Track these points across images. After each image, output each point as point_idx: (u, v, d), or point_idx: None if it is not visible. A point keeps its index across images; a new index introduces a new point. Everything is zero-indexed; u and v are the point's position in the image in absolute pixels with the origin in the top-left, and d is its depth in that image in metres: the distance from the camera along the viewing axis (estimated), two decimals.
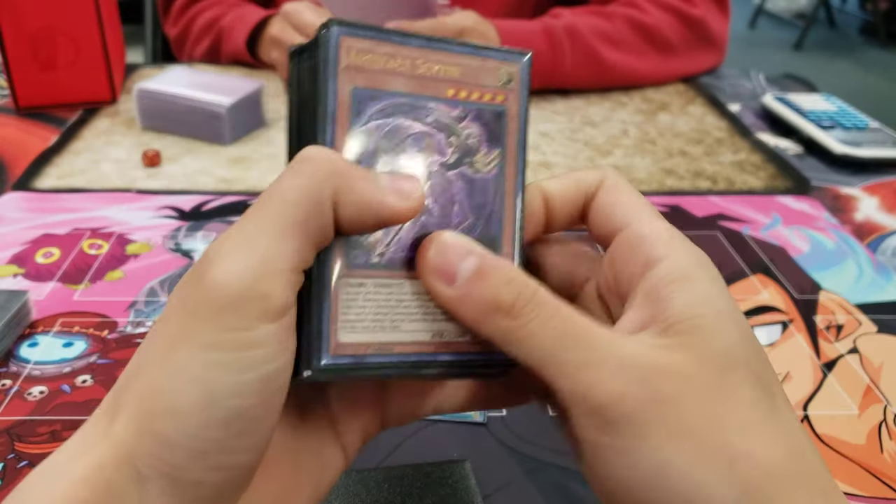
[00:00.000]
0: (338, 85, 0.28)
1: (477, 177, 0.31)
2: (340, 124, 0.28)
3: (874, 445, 0.49)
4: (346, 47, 0.28)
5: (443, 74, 0.30)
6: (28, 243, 0.67)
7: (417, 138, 0.30)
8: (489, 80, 0.31)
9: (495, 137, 0.31)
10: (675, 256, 0.30)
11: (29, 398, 0.50)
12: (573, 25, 1.00)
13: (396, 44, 0.29)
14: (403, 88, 0.29)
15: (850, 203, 0.79)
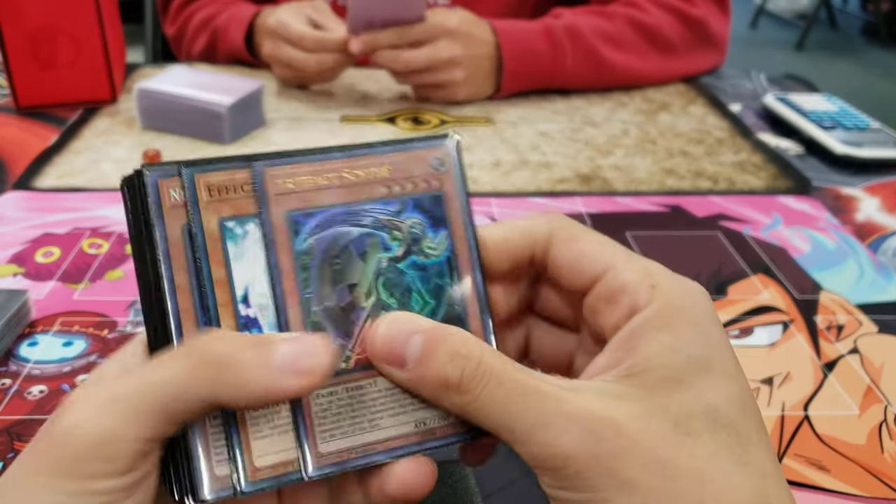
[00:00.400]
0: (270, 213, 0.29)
1: (428, 262, 0.31)
2: (281, 247, 0.29)
3: (874, 446, 0.49)
4: (271, 176, 0.29)
5: (372, 177, 0.31)
6: (28, 242, 0.67)
7: (359, 241, 0.30)
8: (420, 170, 0.32)
9: (438, 220, 0.32)
10: (659, 302, 0.29)
11: (29, 397, 0.50)
12: (574, 25, 1.00)
13: (318, 161, 0.30)
14: (336, 200, 0.30)
15: (851, 203, 0.79)
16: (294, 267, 0.29)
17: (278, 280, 0.29)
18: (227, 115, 0.85)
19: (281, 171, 0.30)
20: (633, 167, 0.85)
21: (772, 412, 0.51)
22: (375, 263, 0.31)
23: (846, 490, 0.46)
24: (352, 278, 0.30)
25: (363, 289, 0.30)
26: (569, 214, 0.73)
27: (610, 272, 0.30)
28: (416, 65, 0.94)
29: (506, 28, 0.99)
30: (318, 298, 0.30)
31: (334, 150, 0.30)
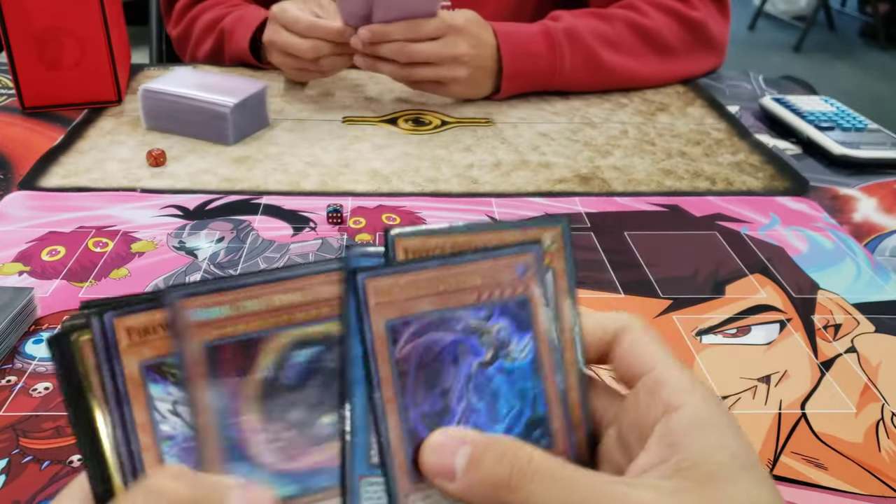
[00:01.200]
0: (372, 324, 0.30)
1: (515, 366, 0.32)
2: (381, 356, 0.30)
3: (872, 444, 0.49)
4: (373, 288, 0.30)
5: (464, 284, 0.32)
6: (34, 241, 0.68)
7: (452, 347, 0.31)
8: (506, 276, 0.33)
9: (524, 324, 0.33)
10: (695, 404, 0.30)
11: (34, 394, 0.51)
12: (573, 28, 1.01)
13: (415, 272, 0.31)
14: (429, 307, 0.31)
15: (849, 203, 0.80)
16: (392, 375, 0.30)
17: (378, 388, 0.30)
18: (231, 116, 0.86)
19: (381, 281, 0.30)
20: (632, 167, 0.86)
21: (769, 410, 0.52)
22: (466, 369, 0.32)
23: (843, 488, 0.46)
24: (445, 384, 0.31)
25: (455, 394, 0.31)
26: (568, 214, 0.74)
27: (657, 369, 0.32)
28: (421, 57, 0.94)
29: (505, 30, 0.99)
30: (413, 405, 0.31)
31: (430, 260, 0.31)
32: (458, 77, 0.97)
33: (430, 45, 0.93)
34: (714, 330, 0.59)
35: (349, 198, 0.77)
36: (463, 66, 0.96)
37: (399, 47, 0.92)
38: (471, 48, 0.96)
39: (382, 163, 0.85)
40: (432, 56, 0.94)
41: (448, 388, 0.31)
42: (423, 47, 0.93)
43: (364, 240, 0.70)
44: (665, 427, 0.30)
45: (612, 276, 0.65)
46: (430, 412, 0.31)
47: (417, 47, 0.93)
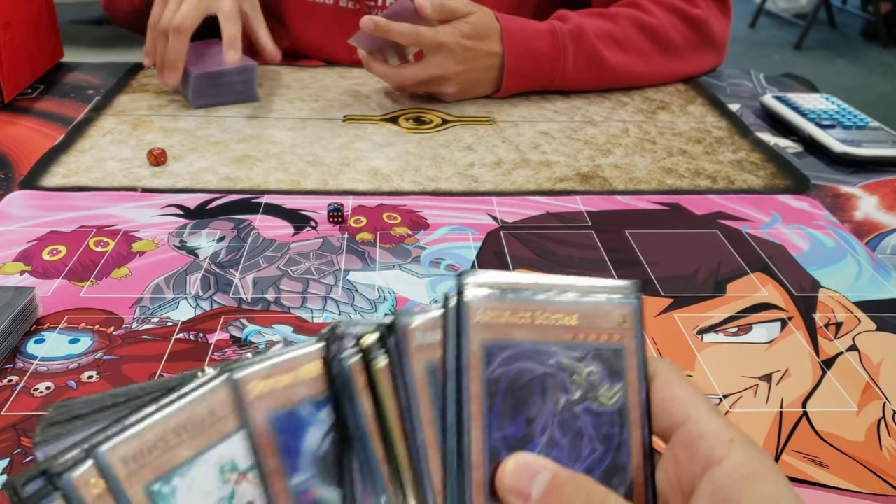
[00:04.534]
0: (470, 340, 0.31)
1: (602, 410, 0.33)
2: (473, 372, 0.31)
3: (873, 442, 0.49)
4: (475, 309, 0.31)
5: (561, 322, 0.32)
6: (35, 241, 0.68)
7: (542, 380, 0.32)
8: (604, 323, 0.33)
9: (616, 372, 0.33)
10: (737, 455, 0.30)
11: (35, 394, 0.51)
12: (578, 28, 1.00)
13: (517, 300, 0.32)
14: (526, 337, 0.32)
15: (850, 202, 0.80)
16: (482, 393, 0.31)
17: (466, 403, 0.31)
18: (195, 81, 0.96)
19: (488, 304, 0.31)
20: (633, 166, 0.86)
21: (770, 409, 0.52)
22: (554, 403, 0.32)
23: (844, 486, 0.46)
24: (531, 413, 0.32)
25: (539, 424, 0.32)
26: (569, 213, 0.74)
27: (692, 419, 0.32)
28: (408, 82, 0.98)
29: (511, 27, 0.99)
30: (499, 426, 0.31)
31: (534, 293, 0.32)
32: (445, 92, 1.00)
33: (415, 71, 0.97)
34: (715, 328, 0.59)
35: (350, 197, 0.77)
36: (449, 83, 0.99)
37: (388, 73, 0.98)
38: (458, 65, 0.97)
39: (383, 161, 0.85)
40: (419, 79, 0.97)
41: (533, 418, 0.32)
42: (408, 73, 0.97)
43: (364, 238, 0.70)
44: (711, 483, 0.30)
45: (613, 275, 0.65)
46: (513, 437, 0.31)
47: (403, 74, 0.98)
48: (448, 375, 0.31)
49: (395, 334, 0.31)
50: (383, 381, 0.31)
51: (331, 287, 0.63)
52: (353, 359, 0.31)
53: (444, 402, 0.31)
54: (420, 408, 0.31)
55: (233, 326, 0.58)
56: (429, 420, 0.31)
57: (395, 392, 0.31)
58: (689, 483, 0.31)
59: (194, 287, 0.62)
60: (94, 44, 1.91)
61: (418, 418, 0.31)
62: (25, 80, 1.02)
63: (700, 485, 0.30)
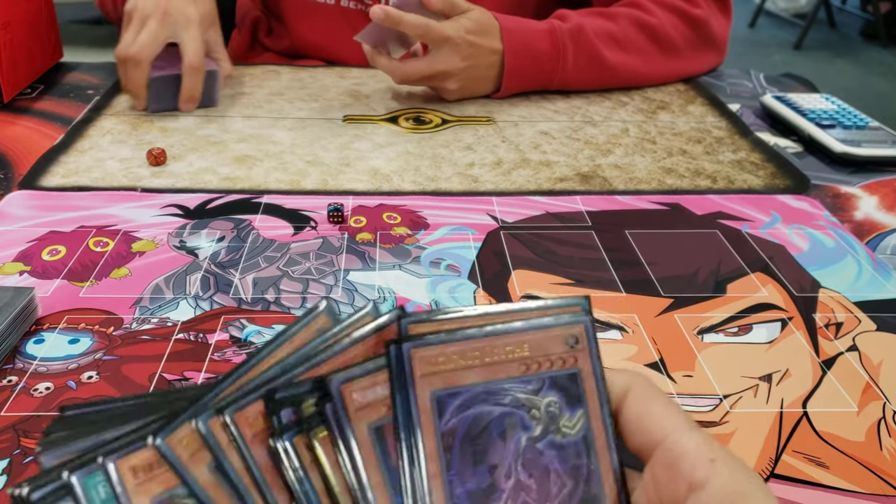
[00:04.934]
0: (417, 394, 0.29)
1: (566, 441, 0.31)
2: (426, 428, 0.29)
3: (873, 442, 0.49)
4: (417, 359, 0.30)
5: (512, 356, 0.31)
6: (34, 241, 0.68)
7: (499, 421, 0.30)
8: (556, 348, 0.32)
9: (575, 399, 0.32)
10: (721, 476, 0.29)
11: (35, 394, 0.51)
12: (578, 27, 1.00)
13: (461, 342, 0.30)
14: (478, 379, 0.30)
15: (850, 202, 0.80)
16: (437, 448, 0.29)
17: (421, 462, 0.29)
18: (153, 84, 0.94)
19: (428, 351, 0.30)
20: (633, 166, 0.86)
21: (770, 409, 0.52)
22: (515, 443, 0.31)
23: (845, 487, 0.46)
24: (492, 459, 0.30)
25: (503, 470, 0.30)
26: (569, 213, 0.74)
27: (671, 437, 0.30)
28: (412, 77, 0.98)
29: (511, 27, 0.99)
30: (460, 481, 0.30)
31: (477, 329, 0.31)
32: (447, 88, 1.00)
33: (419, 65, 0.97)
34: (715, 329, 0.59)
35: (350, 197, 0.77)
36: (451, 79, 0.98)
37: (392, 66, 0.97)
38: (462, 61, 0.97)
39: (383, 161, 0.85)
40: (423, 74, 0.97)
41: (496, 464, 0.30)
42: (413, 68, 0.97)
43: (364, 238, 0.70)
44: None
45: (614, 275, 0.65)
46: (476, 489, 0.30)
47: (407, 68, 0.97)
48: (398, 435, 0.29)
49: (332, 398, 0.29)
50: (325, 452, 0.29)
51: (331, 287, 0.63)
52: (291, 439, 0.29)
53: (399, 463, 0.29)
54: (369, 474, 0.29)
55: (233, 327, 0.58)
56: (379, 486, 0.29)
57: (338, 463, 0.29)
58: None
59: (194, 287, 0.62)
60: (94, 43, 1.91)
61: (366, 486, 0.29)
62: (25, 79, 1.02)
63: None
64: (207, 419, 0.28)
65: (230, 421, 0.28)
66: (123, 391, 0.51)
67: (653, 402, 0.32)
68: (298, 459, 0.29)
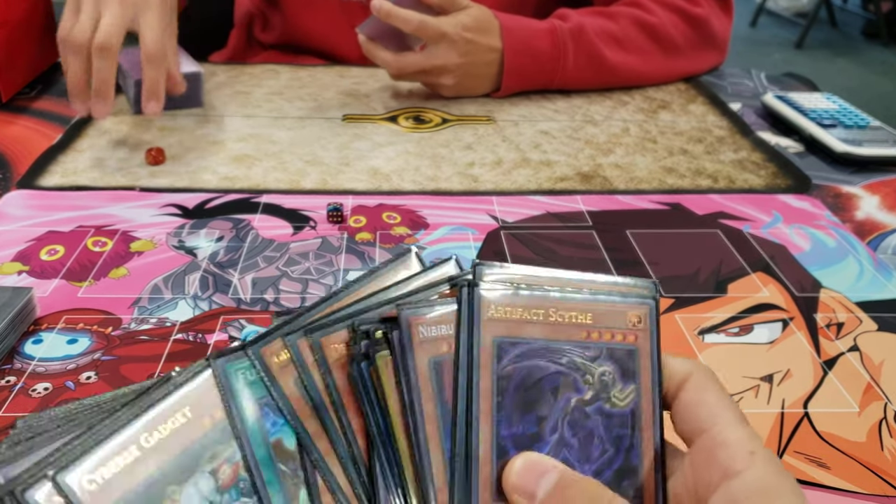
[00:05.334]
0: (482, 336, 0.31)
1: (614, 411, 0.32)
2: (484, 368, 0.31)
3: (874, 443, 0.49)
4: (486, 304, 0.31)
5: (576, 321, 0.32)
6: (32, 241, 0.68)
7: (553, 378, 0.32)
8: (619, 323, 0.33)
9: (630, 374, 0.33)
10: (756, 469, 0.30)
11: (33, 394, 0.50)
12: (579, 26, 1.00)
13: (530, 297, 0.32)
14: (539, 335, 0.32)
15: (851, 201, 0.80)
16: (492, 389, 0.31)
17: (476, 399, 0.30)
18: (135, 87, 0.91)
19: (496, 298, 0.31)
20: (634, 165, 0.86)
21: (771, 409, 0.52)
22: (565, 402, 0.32)
23: (846, 487, 0.46)
24: (541, 411, 0.31)
25: (550, 423, 0.31)
26: (569, 213, 0.74)
27: (718, 426, 0.31)
28: (409, 70, 0.97)
29: (511, 26, 0.99)
30: (508, 423, 0.31)
31: (547, 290, 0.32)
32: (443, 84, 0.99)
33: (416, 59, 0.96)
34: (716, 329, 0.59)
35: (349, 196, 0.77)
36: (448, 74, 0.98)
37: (388, 59, 0.96)
38: (459, 57, 0.97)
39: (383, 161, 0.85)
40: (420, 68, 0.97)
41: (544, 417, 0.31)
42: (410, 61, 0.96)
43: (364, 238, 0.70)
44: (727, 495, 0.29)
45: (614, 275, 0.65)
46: (522, 435, 0.31)
47: (404, 62, 0.96)
48: (458, 369, 0.31)
49: (399, 328, 0.30)
50: (386, 373, 0.31)
51: (330, 287, 0.63)
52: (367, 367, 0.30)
53: (454, 396, 0.31)
54: (423, 403, 0.30)
55: (231, 327, 0.58)
56: (431, 416, 0.30)
57: (397, 386, 0.30)
58: (704, 490, 0.30)
59: (193, 287, 0.62)
60: None
61: (420, 413, 0.30)
62: (23, 79, 1.02)
63: (715, 495, 0.30)
64: (297, 339, 0.30)
65: (316, 343, 0.30)
66: None
67: (708, 392, 0.32)
68: (372, 385, 0.31)
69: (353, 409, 0.31)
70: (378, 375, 0.31)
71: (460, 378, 0.31)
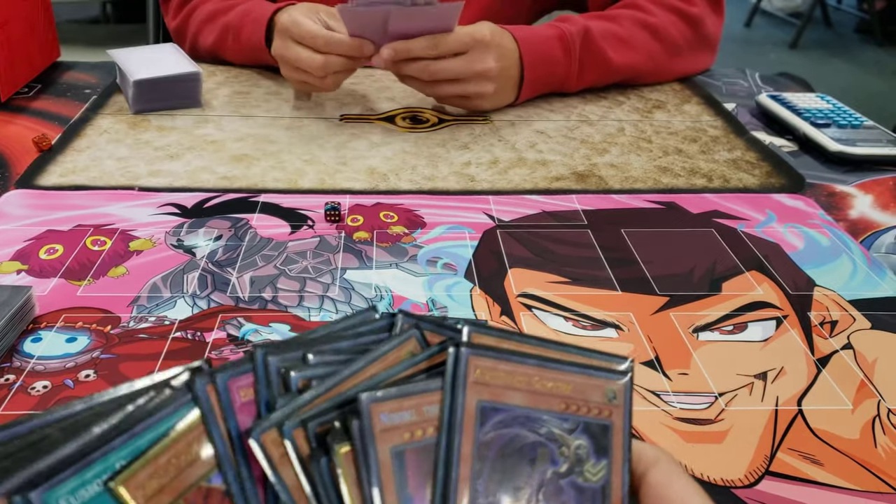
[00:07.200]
0: (466, 398, 0.31)
1: (586, 485, 0.32)
2: (467, 433, 0.30)
3: (868, 440, 0.50)
4: (473, 366, 0.31)
5: (555, 391, 0.32)
6: (31, 240, 0.68)
7: (532, 448, 0.32)
8: (596, 397, 0.33)
9: (602, 449, 0.33)
10: None
11: (32, 393, 0.51)
12: (586, 30, 0.99)
13: (515, 363, 0.32)
14: (521, 402, 0.32)
15: (845, 200, 0.80)
16: (472, 455, 0.30)
17: (456, 464, 0.30)
18: (137, 87, 0.95)
19: (484, 362, 0.31)
20: (629, 165, 0.86)
21: (765, 407, 0.52)
22: (541, 474, 0.32)
23: (839, 484, 0.47)
24: (518, 482, 0.31)
25: (525, 495, 0.31)
26: (565, 212, 0.74)
27: None
28: (445, 75, 0.91)
29: (524, 36, 0.96)
30: (485, 491, 0.31)
31: (530, 357, 0.32)
32: (485, 93, 0.94)
33: (456, 63, 0.90)
34: (711, 327, 0.60)
35: (347, 196, 0.77)
36: (489, 81, 0.93)
37: (423, 66, 0.90)
38: (497, 62, 0.92)
39: (380, 160, 0.85)
40: (458, 73, 0.91)
41: (521, 488, 0.31)
42: (448, 65, 0.90)
43: (361, 237, 0.70)
44: None
45: (610, 274, 0.66)
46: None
47: (442, 65, 0.90)
48: (440, 431, 0.30)
49: (360, 416, 0.29)
50: (346, 467, 0.29)
51: (328, 286, 0.63)
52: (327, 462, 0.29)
53: (433, 459, 0.30)
54: (385, 497, 0.29)
55: (230, 325, 0.58)
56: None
57: (357, 481, 0.29)
58: None
59: (191, 286, 0.62)
60: (91, 43, 1.91)
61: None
62: (22, 79, 1.02)
63: None
64: (291, 430, 0.29)
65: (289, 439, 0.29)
66: None
67: (678, 477, 0.33)
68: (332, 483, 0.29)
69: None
70: (336, 472, 0.29)
71: (441, 440, 0.30)
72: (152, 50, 1.03)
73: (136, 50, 1.02)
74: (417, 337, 0.33)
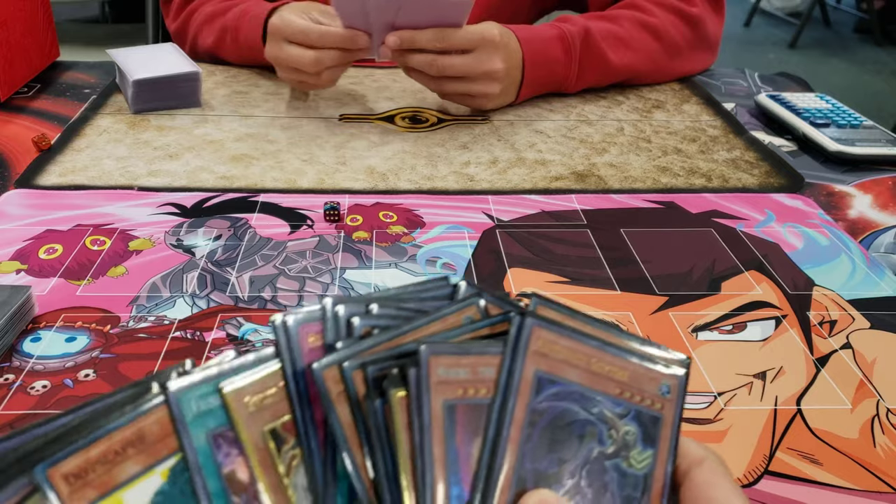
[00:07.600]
0: (525, 365, 0.31)
1: (630, 471, 0.33)
2: (521, 399, 0.31)
3: (867, 439, 0.50)
4: (536, 336, 0.31)
5: (612, 375, 0.33)
6: (31, 239, 0.68)
7: (582, 425, 0.32)
8: (650, 388, 0.34)
9: (650, 439, 0.33)
10: None
11: (32, 392, 0.51)
12: (586, 31, 0.99)
13: (577, 341, 0.32)
14: (577, 380, 0.32)
15: (844, 200, 0.80)
16: (524, 420, 0.31)
17: (508, 424, 0.31)
18: (136, 87, 0.95)
19: (546, 333, 0.32)
20: (628, 165, 0.86)
21: (764, 406, 0.52)
22: (588, 450, 0.32)
23: (838, 483, 0.47)
24: (564, 454, 0.32)
25: (569, 467, 0.32)
26: (564, 211, 0.74)
27: None
28: (453, 72, 0.90)
29: (526, 36, 0.96)
30: (532, 457, 0.31)
31: (591, 338, 0.33)
32: (490, 93, 0.93)
33: (464, 60, 0.89)
34: (710, 326, 0.60)
35: (346, 195, 0.77)
36: (496, 82, 0.93)
37: (430, 60, 0.89)
38: (504, 62, 0.92)
39: (379, 160, 0.85)
40: (465, 71, 0.90)
41: (566, 460, 0.32)
42: (456, 62, 0.89)
43: (361, 237, 0.70)
44: None
45: (609, 273, 0.66)
46: (542, 472, 0.31)
47: (449, 61, 0.89)
48: (496, 392, 0.31)
49: (418, 366, 0.30)
50: (399, 412, 0.30)
51: (327, 285, 0.63)
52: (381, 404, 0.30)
53: (486, 418, 0.31)
54: (433, 446, 0.30)
55: (229, 325, 0.58)
56: (440, 459, 0.30)
57: (408, 426, 0.30)
58: None
59: (191, 285, 0.62)
60: (91, 42, 1.91)
61: (430, 456, 0.30)
62: (21, 78, 1.02)
63: None
64: (351, 370, 0.30)
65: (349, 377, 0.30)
66: None
67: (723, 478, 0.33)
68: (384, 424, 0.30)
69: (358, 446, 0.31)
70: (391, 414, 0.30)
71: (497, 401, 0.31)
72: (152, 50, 1.03)
73: (135, 50, 1.02)
74: (479, 305, 0.34)
